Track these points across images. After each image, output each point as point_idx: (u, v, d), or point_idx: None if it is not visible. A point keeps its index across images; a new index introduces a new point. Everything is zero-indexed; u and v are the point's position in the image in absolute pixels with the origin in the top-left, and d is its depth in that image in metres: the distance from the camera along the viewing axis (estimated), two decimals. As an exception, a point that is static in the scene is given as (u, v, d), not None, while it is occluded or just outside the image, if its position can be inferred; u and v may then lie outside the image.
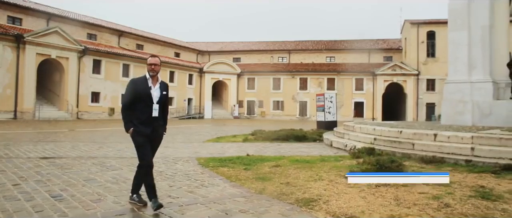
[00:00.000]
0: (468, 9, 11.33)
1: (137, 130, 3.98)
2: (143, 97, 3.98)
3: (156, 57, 4.16)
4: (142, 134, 3.98)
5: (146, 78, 4.06)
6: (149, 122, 4.02)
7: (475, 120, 11.01)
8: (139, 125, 3.98)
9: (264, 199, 4.66)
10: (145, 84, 4.03)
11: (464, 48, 11.32)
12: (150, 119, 4.02)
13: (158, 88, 4.09)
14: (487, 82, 10.98)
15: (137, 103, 4.01)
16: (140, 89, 3.99)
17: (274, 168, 6.73)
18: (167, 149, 9.90)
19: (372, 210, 4.04)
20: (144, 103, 3.99)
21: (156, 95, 4.05)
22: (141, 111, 4.00)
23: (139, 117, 4.00)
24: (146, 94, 3.98)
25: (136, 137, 4.01)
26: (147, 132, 3.99)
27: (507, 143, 7.13)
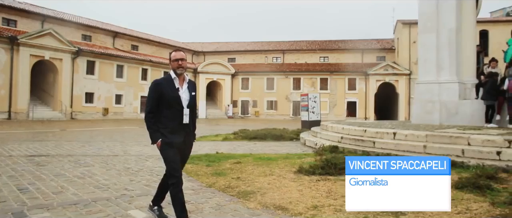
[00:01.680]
0: (437, 13, 11.78)
1: (168, 141, 3.39)
2: (170, 102, 3.40)
3: (181, 51, 3.54)
4: (173, 146, 3.40)
5: (171, 78, 3.46)
6: (180, 130, 3.45)
7: (443, 119, 11.47)
8: (169, 134, 3.39)
9: (210, 192, 5.14)
10: (171, 85, 3.43)
11: (433, 50, 11.77)
12: (181, 126, 3.45)
13: (186, 89, 3.51)
14: (453, 82, 11.43)
15: (163, 109, 3.42)
16: (166, 92, 3.39)
17: (234, 164, 7.18)
18: (146, 148, 10.35)
19: (300, 201, 4.51)
20: (173, 108, 3.42)
21: (185, 98, 3.48)
22: (170, 117, 3.41)
23: (167, 125, 3.41)
24: (174, 97, 3.41)
25: (166, 149, 3.40)
26: (178, 142, 3.43)
27: (456, 141, 7.59)
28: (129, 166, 7.22)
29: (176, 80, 3.47)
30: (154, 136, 3.44)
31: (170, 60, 3.51)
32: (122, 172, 6.61)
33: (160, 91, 3.40)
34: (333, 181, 5.51)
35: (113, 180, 5.84)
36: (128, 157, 8.56)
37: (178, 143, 3.43)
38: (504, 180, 5.51)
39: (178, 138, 3.43)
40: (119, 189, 5.23)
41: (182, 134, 3.46)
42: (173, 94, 3.42)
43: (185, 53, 3.58)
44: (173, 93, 3.42)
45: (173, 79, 3.46)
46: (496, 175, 5.73)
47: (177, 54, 3.48)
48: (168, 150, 3.41)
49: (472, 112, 10.96)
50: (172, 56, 3.49)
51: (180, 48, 3.65)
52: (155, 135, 3.44)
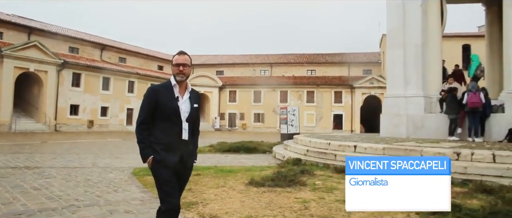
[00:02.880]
0: (404, 29, 12.20)
1: (159, 159, 2.85)
2: (167, 113, 2.88)
3: (185, 55, 3.00)
4: (167, 165, 2.86)
5: (171, 85, 2.93)
6: (177, 147, 2.90)
7: (409, 132, 11.78)
8: (163, 151, 2.86)
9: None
10: (170, 93, 2.91)
11: (400, 65, 12.15)
12: (179, 143, 2.91)
13: (187, 99, 2.97)
14: (419, 97, 11.79)
15: (158, 121, 2.89)
16: (163, 101, 2.87)
17: (193, 176, 7.33)
18: (117, 160, 10.50)
19: (237, 212, 4.70)
20: (169, 121, 2.89)
21: (185, 110, 2.94)
22: (165, 131, 2.88)
23: (162, 140, 2.88)
24: (172, 108, 2.88)
25: (158, 169, 2.88)
26: (174, 161, 2.88)
27: (410, 154, 7.86)
28: (91, 177, 7.36)
29: (176, 88, 2.92)
30: (145, 152, 2.89)
31: (172, 64, 2.97)
32: (81, 183, 6.75)
33: (156, 99, 2.87)
34: (278, 192, 5.71)
35: (68, 191, 5.97)
36: (94, 169, 8.69)
37: (173, 163, 2.86)
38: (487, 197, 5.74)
39: (174, 157, 2.86)
40: (69, 199, 5.38)
41: (178, 152, 2.89)
42: (171, 104, 2.87)
43: (189, 58, 2.99)
44: (171, 103, 2.87)
45: (172, 87, 2.92)
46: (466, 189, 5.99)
47: (180, 58, 2.94)
48: (160, 170, 2.88)
49: (437, 125, 11.29)
50: (174, 59, 2.95)
51: (185, 52, 3.05)
52: (145, 151, 2.88)
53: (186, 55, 3.00)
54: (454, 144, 9.14)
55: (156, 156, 2.86)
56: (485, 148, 7.87)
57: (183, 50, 3.03)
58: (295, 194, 5.61)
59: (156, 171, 2.93)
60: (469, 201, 5.19)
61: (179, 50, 3.05)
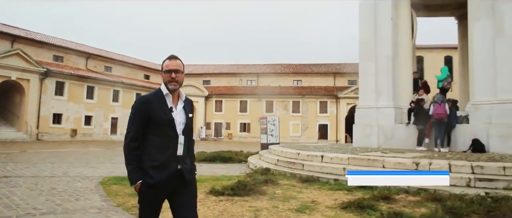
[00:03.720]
0: (375, 42, 12.54)
1: (151, 183, 2.44)
2: (161, 126, 2.52)
3: (177, 60, 2.63)
4: (159, 188, 2.47)
5: (162, 94, 2.58)
6: (172, 166, 2.53)
7: (380, 142, 12.04)
8: (156, 172, 2.46)
9: (114, 211, 5.42)
10: (162, 104, 2.55)
11: (371, 76, 12.46)
12: (174, 160, 2.54)
13: (181, 110, 2.63)
14: (390, 108, 12.08)
15: (151, 137, 2.52)
16: (156, 114, 2.50)
17: (159, 185, 7.46)
18: (90, 169, 10.55)
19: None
20: (164, 135, 2.52)
21: (180, 121, 2.59)
22: (159, 148, 2.51)
23: (155, 158, 2.50)
24: (167, 120, 2.52)
25: (146, 193, 2.48)
26: (169, 182, 2.49)
27: (373, 164, 8.10)
28: (57, 186, 7.41)
29: (168, 98, 2.57)
30: (133, 175, 2.47)
31: (162, 71, 2.63)
32: (45, 192, 6.81)
33: (148, 111, 2.49)
34: (234, 201, 5.86)
35: (29, 200, 6.03)
36: (63, 178, 8.73)
37: (167, 185, 2.49)
38: (395, 201, 5.96)
39: (167, 177, 2.48)
40: (27, 208, 5.45)
41: (175, 171, 2.52)
42: (165, 116, 2.51)
43: (181, 63, 2.65)
44: (166, 115, 2.51)
45: (164, 96, 2.57)
46: (391, 196, 6.19)
47: (171, 64, 2.58)
48: (149, 195, 2.49)
49: (406, 135, 11.57)
50: (164, 65, 2.60)
51: (176, 56, 2.64)
52: (134, 174, 2.47)
53: (178, 60, 2.63)
54: (420, 154, 9.39)
55: (146, 179, 2.44)
56: (444, 158, 8.13)
57: (175, 55, 2.65)
58: (251, 203, 5.77)
59: (144, 197, 2.51)
60: (417, 210, 5.39)
61: (169, 55, 2.65)
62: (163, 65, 2.63)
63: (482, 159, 7.95)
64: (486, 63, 10.44)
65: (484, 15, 10.62)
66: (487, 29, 10.49)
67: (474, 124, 10.60)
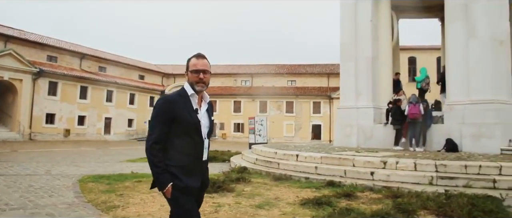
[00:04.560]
0: (355, 43, 12.79)
1: (182, 186, 2.33)
2: (187, 129, 2.39)
3: (205, 59, 2.50)
4: (190, 192, 2.38)
5: (187, 94, 2.43)
6: (198, 170, 2.46)
7: (360, 142, 12.28)
8: (184, 176, 2.35)
9: (84, 206, 5.64)
10: (187, 105, 2.41)
11: (352, 77, 12.71)
12: (199, 164, 2.47)
13: (205, 112, 2.54)
14: (369, 108, 12.33)
15: (175, 139, 2.38)
16: (182, 115, 2.36)
17: (134, 183, 7.71)
18: (74, 168, 10.77)
19: (150, 214, 5.10)
20: (189, 138, 2.40)
21: (205, 124, 2.50)
22: (184, 151, 2.38)
23: (180, 162, 2.37)
24: (193, 123, 2.40)
25: (179, 198, 2.35)
26: (196, 187, 2.43)
27: (343, 162, 8.34)
28: (34, 184, 7.61)
29: (194, 99, 2.44)
30: (163, 178, 2.32)
31: (187, 71, 2.48)
32: (21, 189, 7.02)
33: (172, 112, 2.34)
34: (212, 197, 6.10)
35: (3, 196, 6.24)
36: (44, 176, 8.94)
37: (195, 190, 2.42)
38: (356, 198, 6.20)
39: (196, 182, 2.41)
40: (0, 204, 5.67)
41: (199, 176, 2.46)
42: (191, 118, 2.38)
43: (208, 63, 2.51)
44: (192, 118, 2.39)
45: (189, 97, 2.43)
46: (354, 193, 6.43)
47: (199, 63, 2.44)
48: (183, 200, 2.35)
49: (384, 135, 11.81)
50: (191, 64, 2.46)
51: (204, 55, 2.49)
52: (163, 177, 2.32)
53: (205, 59, 2.49)
54: (392, 153, 9.64)
55: (178, 182, 2.31)
56: (410, 157, 8.37)
57: (201, 53, 2.50)
58: (216, 199, 6.00)
59: (177, 201, 2.35)
60: (375, 206, 5.61)
61: (196, 53, 2.50)
62: (190, 64, 2.46)
63: (448, 158, 8.21)
64: (460, 64, 10.70)
65: (458, 17, 10.87)
66: (461, 30, 10.74)
67: (448, 124, 10.85)
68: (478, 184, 6.68)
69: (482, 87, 10.24)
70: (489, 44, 10.29)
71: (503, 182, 6.60)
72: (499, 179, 6.67)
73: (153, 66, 50.89)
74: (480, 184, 6.68)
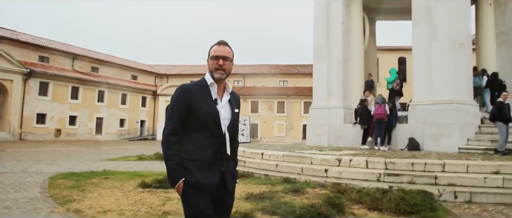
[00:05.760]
0: (328, 45, 13.22)
1: (194, 182, 2.14)
2: (204, 120, 2.20)
3: (227, 46, 2.33)
4: (204, 190, 2.16)
5: (206, 84, 2.28)
6: (216, 166, 2.23)
7: (330, 141, 12.70)
8: (197, 171, 2.16)
9: (43, 200, 6.02)
10: (206, 95, 2.24)
11: (324, 78, 13.12)
12: (218, 159, 2.24)
13: (227, 103, 2.32)
14: (340, 108, 12.75)
15: (192, 132, 2.22)
16: (199, 105, 2.20)
17: (101, 179, 8.10)
18: (52, 166, 11.15)
19: (102, 207, 5.47)
20: (206, 131, 2.21)
21: (225, 116, 2.28)
22: (201, 145, 2.20)
23: (196, 156, 2.19)
24: (210, 113, 2.21)
25: (191, 196, 2.15)
26: (213, 184, 2.18)
27: (302, 160, 8.75)
28: (5, 181, 7.99)
29: (213, 88, 2.28)
30: (175, 174, 2.16)
31: (208, 57, 2.31)
32: (-9, 185, 7.40)
33: (189, 102, 2.19)
34: (154, 192, 6.52)
35: (-32, 192, 6.63)
36: (19, 174, 9.30)
37: (211, 187, 2.17)
38: (303, 193, 6.60)
39: (212, 178, 2.18)
40: (-36, 199, 6.05)
41: (218, 172, 2.22)
42: (209, 108, 2.20)
43: (231, 51, 2.35)
44: (209, 108, 2.20)
45: (208, 86, 2.27)
46: (304, 189, 6.84)
47: (220, 50, 2.28)
48: (194, 197, 2.15)
49: (353, 134, 12.23)
50: (212, 51, 2.30)
51: (226, 42, 2.32)
52: (176, 172, 2.16)
53: (228, 46, 2.33)
54: (358, 151, 10.05)
55: (190, 177, 2.14)
56: (364, 155, 8.80)
57: (224, 40, 2.34)
58: (169, 194, 6.39)
59: (188, 198, 2.16)
60: (316, 201, 5.99)
61: (219, 40, 2.35)
62: (211, 50, 2.31)
63: (398, 156, 8.62)
64: (423, 66, 11.11)
65: (422, 20, 11.28)
66: (425, 33, 11.15)
67: (412, 124, 11.27)
68: (421, 180, 7.08)
69: (442, 88, 10.66)
70: (450, 46, 10.71)
71: (444, 178, 7.01)
72: (440, 176, 7.07)
73: (146, 66, 51.22)
74: (423, 180, 7.08)
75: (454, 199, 6.42)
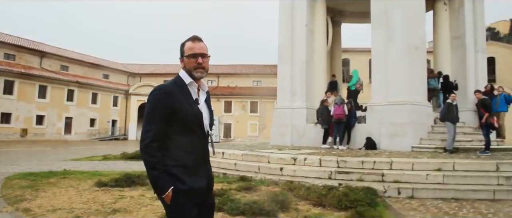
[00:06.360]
0: (291, 46, 13.53)
1: (185, 189, 2.00)
2: (188, 122, 2.07)
3: (202, 42, 2.17)
4: (194, 196, 2.04)
5: (184, 83, 2.13)
6: (202, 169, 2.14)
7: (293, 141, 13.01)
8: (187, 176, 2.03)
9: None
10: (187, 95, 2.10)
11: (288, 79, 13.44)
12: (203, 161, 2.17)
13: (204, 103, 2.21)
14: (302, 108, 13.09)
15: (174, 135, 2.06)
16: (181, 107, 2.05)
17: (59, 178, 8.11)
18: (10, 167, 10.97)
19: (53, 205, 5.53)
20: (191, 133, 2.09)
21: (206, 116, 2.19)
22: (185, 148, 2.07)
23: (182, 160, 2.05)
24: (195, 115, 2.09)
25: (182, 205, 2.01)
26: (202, 188, 2.09)
27: (260, 159, 9.01)
28: (-43, 181, 7.89)
29: (193, 88, 2.14)
30: (163, 181, 1.98)
31: (183, 56, 2.16)
32: None
33: (170, 105, 2.02)
34: (109, 191, 6.61)
35: None
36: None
37: (201, 191, 2.08)
38: (255, 190, 6.83)
39: (201, 182, 2.08)
40: None
41: (205, 175, 2.15)
42: (192, 110, 2.07)
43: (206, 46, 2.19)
44: (192, 109, 2.08)
45: (187, 86, 2.12)
46: (256, 187, 7.07)
47: (196, 47, 2.13)
48: (186, 206, 2.01)
49: (315, 134, 12.58)
50: (186, 48, 2.14)
51: (200, 38, 2.14)
52: (164, 180, 1.98)
53: (202, 42, 2.17)
54: (317, 151, 10.38)
55: (180, 185, 1.99)
56: (319, 154, 9.14)
57: (198, 36, 2.19)
58: (124, 192, 6.50)
59: (180, 207, 2.00)
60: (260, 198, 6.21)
61: (192, 36, 2.19)
62: (185, 48, 2.14)
63: (351, 155, 9.00)
64: (381, 68, 11.56)
65: (380, 24, 11.74)
66: (382, 36, 11.61)
67: (369, 124, 11.70)
68: (369, 178, 7.43)
69: (398, 89, 11.12)
70: (405, 50, 11.19)
71: (390, 176, 7.38)
72: (387, 173, 7.44)
73: (119, 65, 50.53)
74: (371, 178, 7.43)
75: (397, 195, 6.80)
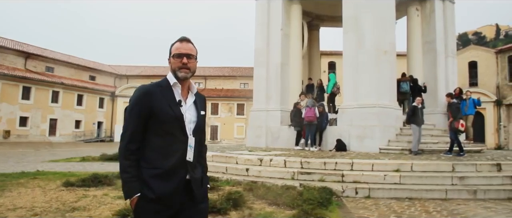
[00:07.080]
0: (267, 50, 13.82)
1: (150, 198, 1.92)
2: (167, 124, 2.01)
3: (190, 43, 2.14)
4: (162, 204, 1.94)
5: (169, 84, 2.08)
6: (179, 174, 2.00)
7: (268, 142, 13.29)
8: (158, 182, 1.94)
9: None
10: (169, 96, 2.04)
11: (263, 81, 13.72)
12: (181, 166, 2.02)
13: (192, 105, 2.14)
14: (277, 111, 13.38)
15: (153, 137, 2.01)
16: (160, 108, 1.99)
17: (29, 180, 8.25)
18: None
19: (15, 204, 5.71)
20: (170, 136, 2.02)
21: (191, 119, 2.10)
22: (163, 151, 2.00)
23: (158, 164, 1.97)
24: (174, 117, 2.01)
25: (145, 211, 1.93)
26: (175, 197, 1.97)
27: (229, 160, 9.26)
28: None
29: (177, 89, 2.09)
30: (129, 187, 1.95)
31: (170, 56, 2.13)
32: None
33: (150, 105, 1.98)
34: (74, 190, 6.81)
35: None
36: None
37: (172, 200, 1.96)
38: (218, 190, 7.04)
39: (173, 189, 1.95)
40: None
41: (181, 181, 1.99)
42: (172, 111, 2.00)
43: (195, 48, 2.16)
44: (172, 111, 2.01)
45: (171, 87, 2.08)
46: (219, 187, 7.30)
47: (183, 47, 2.10)
48: (150, 215, 1.93)
49: (288, 136, 12.86)
50: (173, 48, 2.12)
51: (189, 39, 2.12)
52: (130, 185, 1.95)
53: (190, 43, 2.14)
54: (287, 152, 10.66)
55: (147, 192, 1.92)
56: (284, 155, 9.42)
57: (186, 37, 2.16)
58: (88, 192, 6.70)
59: (140, 215, 1.94)
60: (214, 197, 6.46)
61: (180, 37, 2.16)
62: (172, 48, 2.12)
63: (315, 156, 9.30)
64: (352, 72, 11.90)
65: (351, 29, 12.08)
66: (353, 41, 11.95)
67: (340, 126, 12.02)
68: (330, 178, 7.73)
69: (367, 92, 11.46)
70: (374, 54, 11.54)
71: (350, 176, 7.69)
72: (347, 174, 7.75)
73: (106, 67, 50.37)
74: (332, 178, 7.73)
75: (355, 194, 7.10)
